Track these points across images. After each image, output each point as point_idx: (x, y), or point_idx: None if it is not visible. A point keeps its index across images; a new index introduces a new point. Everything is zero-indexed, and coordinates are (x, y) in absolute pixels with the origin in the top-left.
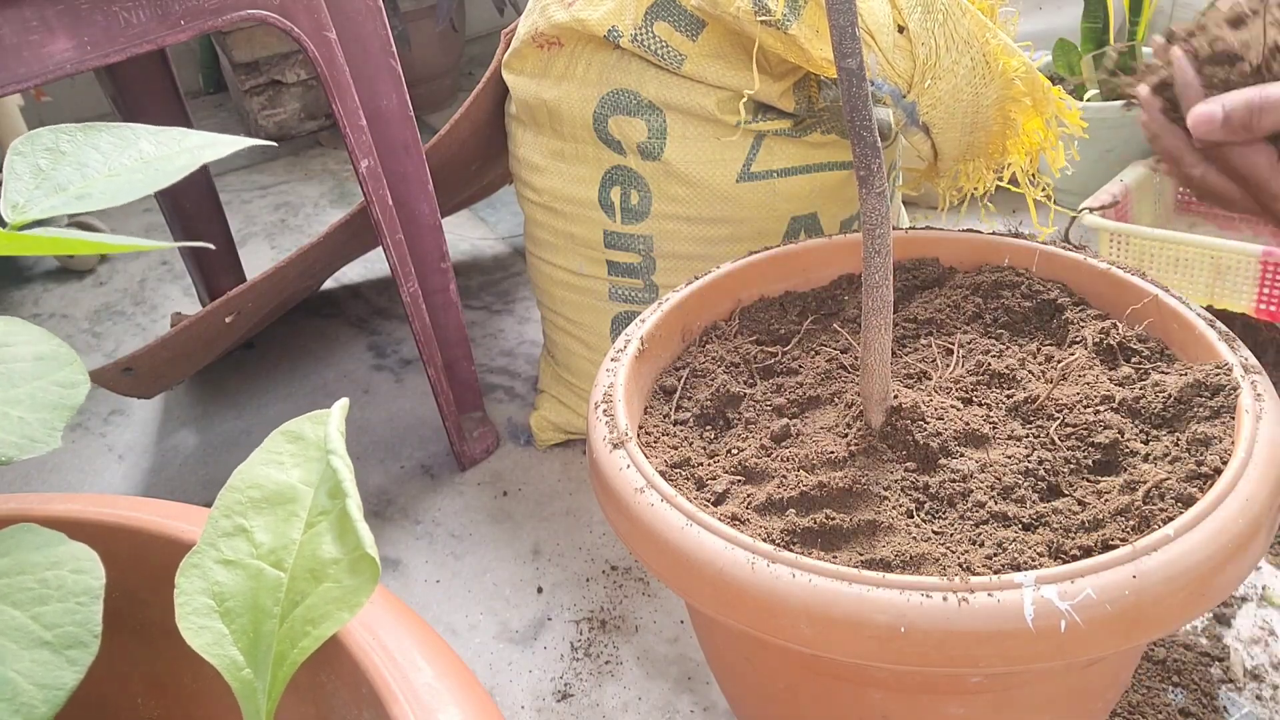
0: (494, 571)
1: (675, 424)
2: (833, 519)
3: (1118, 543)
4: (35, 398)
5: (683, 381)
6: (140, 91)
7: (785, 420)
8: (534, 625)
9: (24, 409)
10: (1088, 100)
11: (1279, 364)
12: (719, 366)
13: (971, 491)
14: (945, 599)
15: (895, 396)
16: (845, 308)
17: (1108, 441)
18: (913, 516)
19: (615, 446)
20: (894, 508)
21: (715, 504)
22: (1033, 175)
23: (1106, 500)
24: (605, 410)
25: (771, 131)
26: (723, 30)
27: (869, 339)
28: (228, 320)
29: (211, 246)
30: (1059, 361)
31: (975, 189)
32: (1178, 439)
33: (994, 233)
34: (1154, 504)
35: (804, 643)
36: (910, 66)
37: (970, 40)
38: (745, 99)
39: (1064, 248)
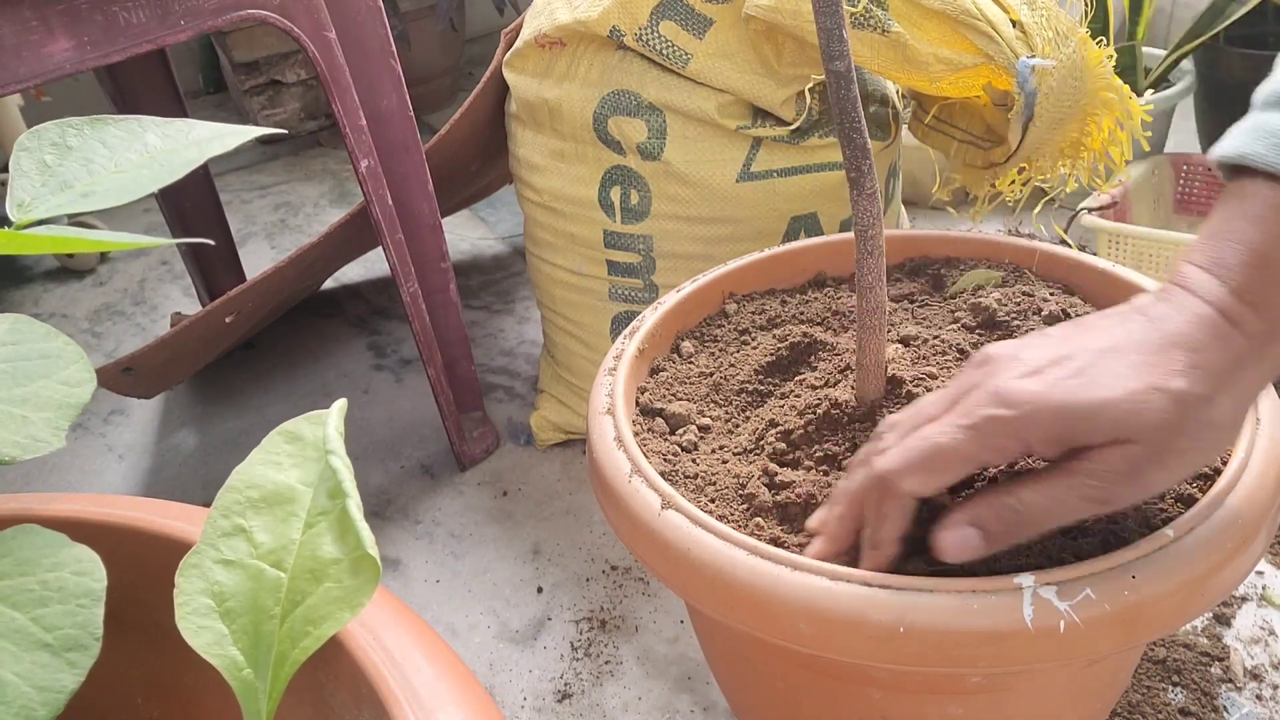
0: (494, 571)
1: (673, 428)
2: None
3: (1117, 543)
4: (40, 396)
5: (682, 381)
6: (140, 91)
7: (783, 423)
8: (534, 625)
9: (29, 408)
10: None
11: None
12: (718, 367)
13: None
14: (944, 599)
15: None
16: (832, 309)
17: None
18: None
19: (615, 446)
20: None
21: (712, 501)
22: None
23: None
24: (605, 411)
25: (769, 138)
26: (731, 30)
27: (864, 340)
28: (228, 320)
29: (210, 242)
30: None
31: (1012, 193)
32: None
33: (1001, 232)
34: (1153, 504)
35: (803, 643)
36: (1029, 55)
37: (1070, 32)
38: (747, 104)
39: (1066, 247)
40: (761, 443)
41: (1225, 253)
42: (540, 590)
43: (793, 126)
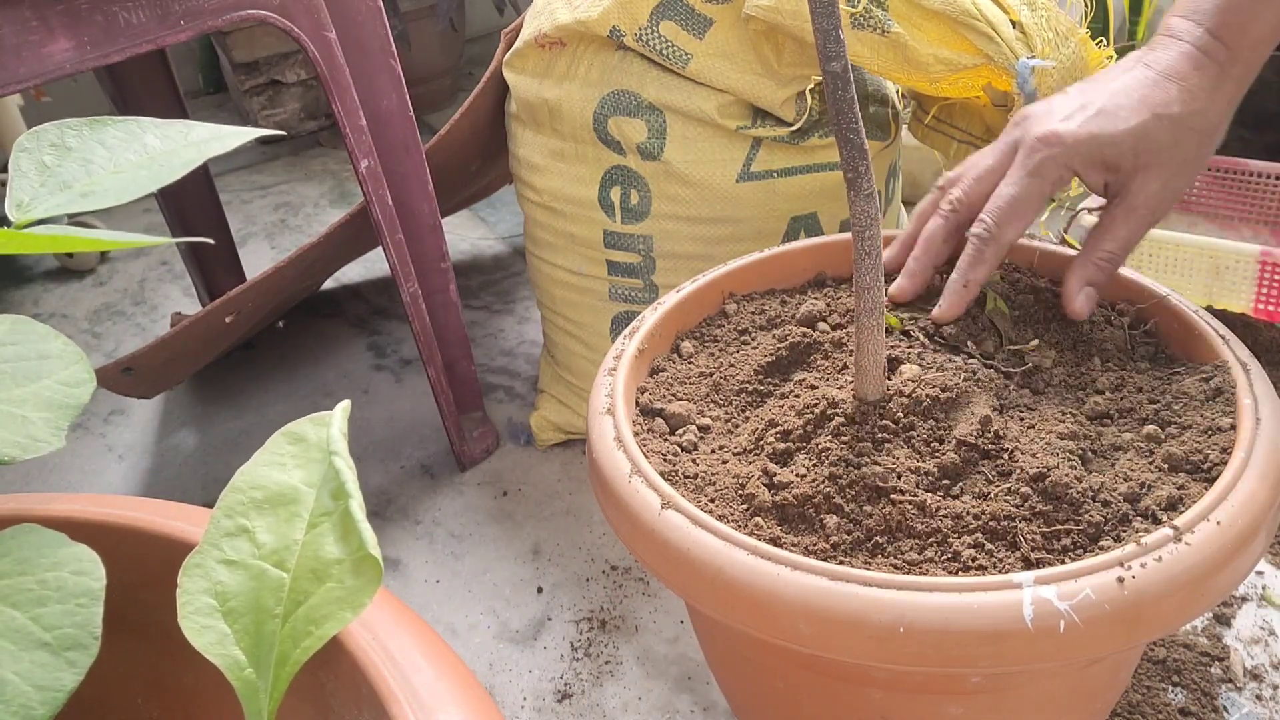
0: (494, 571)
1: (673, 428)
2: (836, 511)
3: (1116, 544)
4: (40, 397)
5: (683, 381)
6: (140, 92)
7: (782, 423)
8: (534, 625)
9: (29, 408)
10: None
11: (1279, 364)
12: (717, 367)
13: (968, 487)
14: (944, 599)
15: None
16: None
17: (1108, 441)
18: (921, 511)
19: (615, 446)
20: (899, 502)
21: (712, 501)
22: None
23: (1107, 500)
24: (605, 410)
25: (769, 138)
26: (731, 30)
27: (862, 341)
28: (228, 320)
29: (210, 241)
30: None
31: None
32: (1178, 439)
33: None
34: (1154, 504)
35: (803, 643)
36: (1029, 56)
37: (1070, 33)
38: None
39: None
40: (761, 443)
41: (1201, 1)
42: (540, 590)
43: (793, 127)
